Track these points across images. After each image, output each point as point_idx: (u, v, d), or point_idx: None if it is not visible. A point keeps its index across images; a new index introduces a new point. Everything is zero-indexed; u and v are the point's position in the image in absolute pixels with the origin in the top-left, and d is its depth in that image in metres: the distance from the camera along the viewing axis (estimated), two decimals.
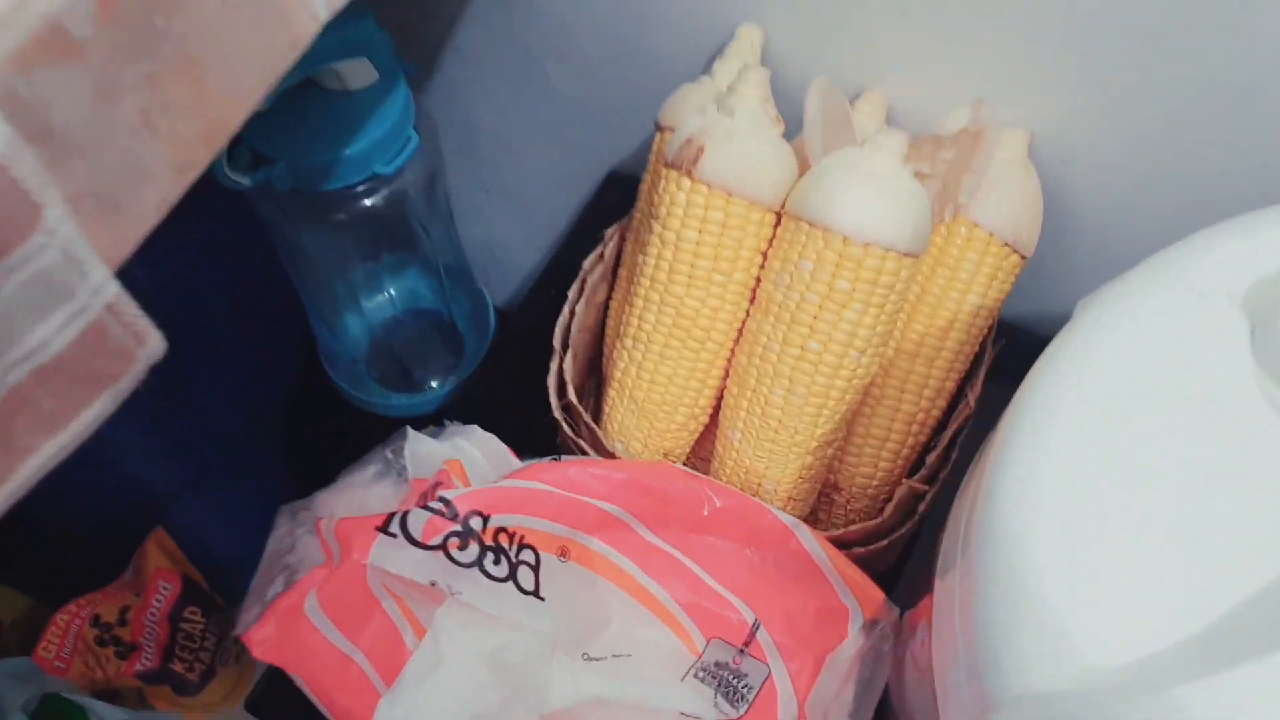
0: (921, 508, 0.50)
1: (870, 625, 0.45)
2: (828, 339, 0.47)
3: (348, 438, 0.88)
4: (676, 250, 0.49)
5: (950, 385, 0.52)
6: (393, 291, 0.75)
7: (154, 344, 0.30)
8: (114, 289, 0.26)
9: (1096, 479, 0.31)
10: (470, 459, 0.50)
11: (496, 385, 0.66)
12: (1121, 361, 0.33)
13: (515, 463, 0.50)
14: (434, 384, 0.78)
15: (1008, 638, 0.31)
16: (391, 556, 0.44)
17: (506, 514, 0.45)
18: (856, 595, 0.45)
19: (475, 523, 0.45)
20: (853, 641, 0.44)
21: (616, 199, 0.68)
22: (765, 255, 0.49)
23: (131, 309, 0.29)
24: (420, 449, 0.50)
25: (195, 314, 0.74)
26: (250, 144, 0.59)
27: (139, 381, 0.33)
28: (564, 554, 0.46)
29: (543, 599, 0.44)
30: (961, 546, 0.35)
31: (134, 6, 0.26)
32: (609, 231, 0.57)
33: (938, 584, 0.38)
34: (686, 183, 0.47)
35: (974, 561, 0.33)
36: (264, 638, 0.47)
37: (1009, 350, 0.54)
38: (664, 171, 0.48)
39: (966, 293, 0.51)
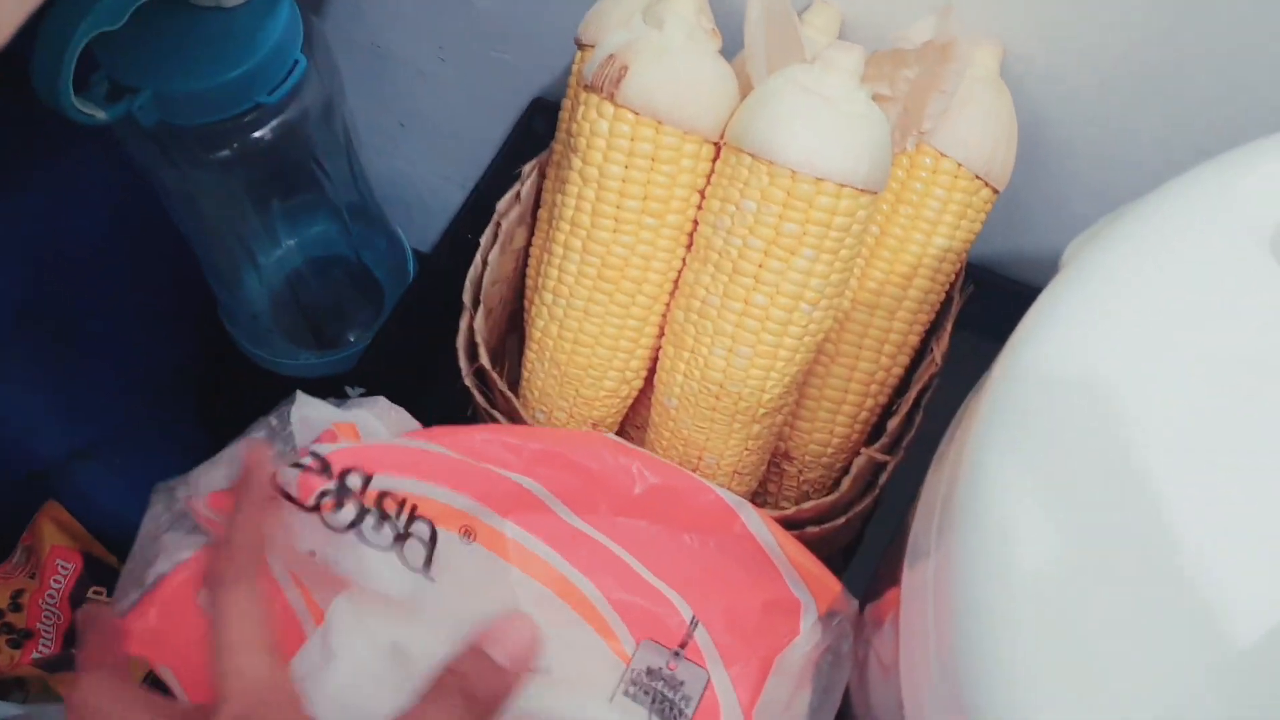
0: (883, 479, 0.44)
1: (826, 621, 0.39)
2: (774, 291, 0.40)
3: (257, 395, 0.82)
4: (600, 189, 0.42)
5: (913, 339, 0.47)
6: (293, 239, 0.67)
7: None
8: None
9: (1103, 454, 0.26)
10: (368, 428, 0.43)
11: (406, 342, 0.59)
12: (1127, 315, 0.27)
13: None
14: (351, 339, 0.71)
15: (995, 641, 0.25)
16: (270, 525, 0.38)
17: (394, 475, 0.38)
18: (809, 586, 0.39)
19: (353, 481, 0.38)
20: (806, 639, 0.38)
21: (544, 126, 0.61)
22: (702, 194, 0.42)
23: None
24: (309, 414, 0.43)
25: (73, 262, 0.66)
26: (108, 72, 0.51)
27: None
28: (468, 534, 0.39)
29: (432, 580, 0.38)
30: (937, 532, 0.29)
31: None
32: (526, 167, 0.50)
33: (906, 574, 0.32)
34: (609, 108, 0.40)
35: (953, 551, 0.27)
36: (145, 628, 0.41)
37: (977, 297, 0.49)
38: (584, 95, 0.41)
39: (932, 234, 0.45)
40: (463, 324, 0.47)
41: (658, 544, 0.40)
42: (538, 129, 0.61)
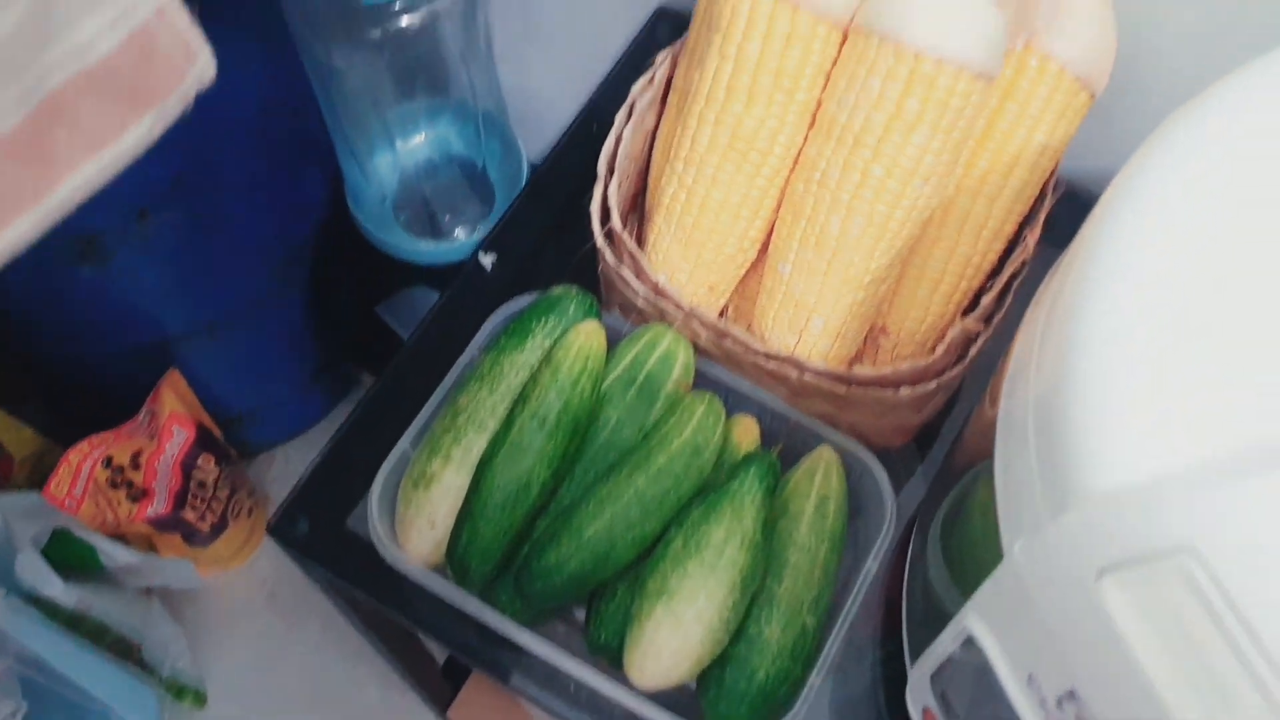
0: (973, 351, 0.48)
1: None
2: (892, 164, 0.45)
3: (372, 283, 0.87)
4: (737, 65, 0.46)
5: (1009, 228, 0.51)
6: (427, 133, 0.73)
7: (204, 62, 0.28)
8: None
9: (1189, 284, 0.30)
10: None
11: (534, 218, 0.64)
12: (1217, 175, 0.31)
13: None
14: (459, 233, 0.76)
15: (1092, 429, 0.29)
16: None
17: None
18: None
19: None
20: None
21: (667, 36, 0.65)
22: (828, 77, 0.47)
23: (183, 18, 0.27)
24: None
25: (221, 140, 0.72)
26: None
27: (185, 106, 0.30)
28: None
29: None
30: (1040, 341, 0.34)
31: None
32: (660, 55, 0.54)
33: (1006, 391, 0.36)
34: None
35: (1059, 355, 0.31)
36: None
37: (1063, 207, 0.52)
38: None
39: (1034, 130, 0.48)
40: (596, 191, 0.52)
41: None
42: (660, 38, 0.65)
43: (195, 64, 0.27)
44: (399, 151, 0.72)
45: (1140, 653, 0.26)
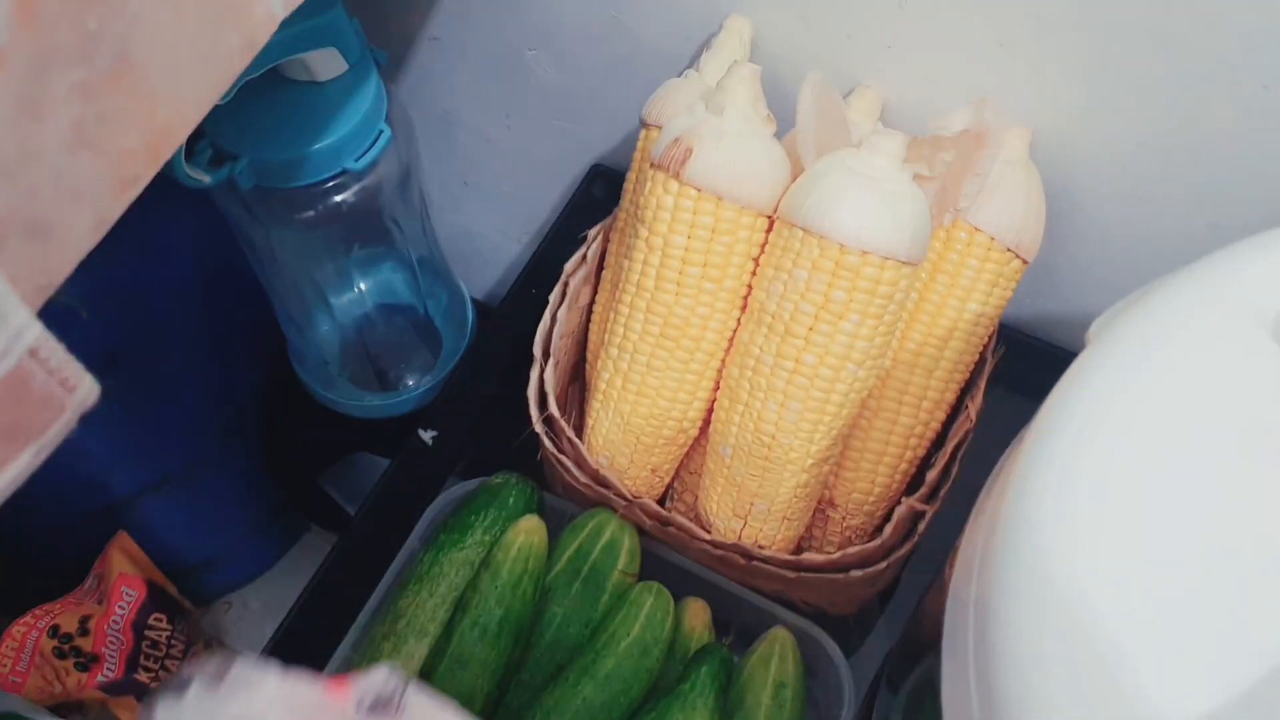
0: (921, 526, 0.48)
1: None
2: (824, 351, 0.44)
3: (322, 437, 0.86)
4: (664, 256, 0.46)
5: (950, 396, 0.50)
6: (364, 287, 0.72)
7: (85, 390, 0.27)
8: (37, 332, 0.23)
9: (1137, 509, 0.29)
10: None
11: (475, 387, 0.63)
12: (1149, 391, 0.31)
13: None
14: (409, 383, 0.75)
15: (1032, 673, 0.29)
16: None
17: None
18: None
19: None
20: None
21: (602, 192, 0.65)
22: (757, 262, 0.47)
23: (58, 353, 0.26)
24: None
25: (157, 310, 0.71)
26: (212, 139, 0.56)
27: (70, 428, 0.30)
28: None
29: None
30: (978, 576, 0.33)
31: (61, 7, 0.23)
32: (592, 231, 0.54)
33: (948, 619, 0.36)
34: (674, 185, 0.45)
35: (995, 589, 0.31)
36: None
37: (1009, 356, 0.52)
38: (650, 173, 0.46)
39: (966, 300, 0.48)
40: (533, 374, 0.51)
41: None
42: (596, 194, 0.65)
43: (76, 394, 0.26)
44: (336, 310, 0.72)
45: None
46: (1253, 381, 0.30)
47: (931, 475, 0.48)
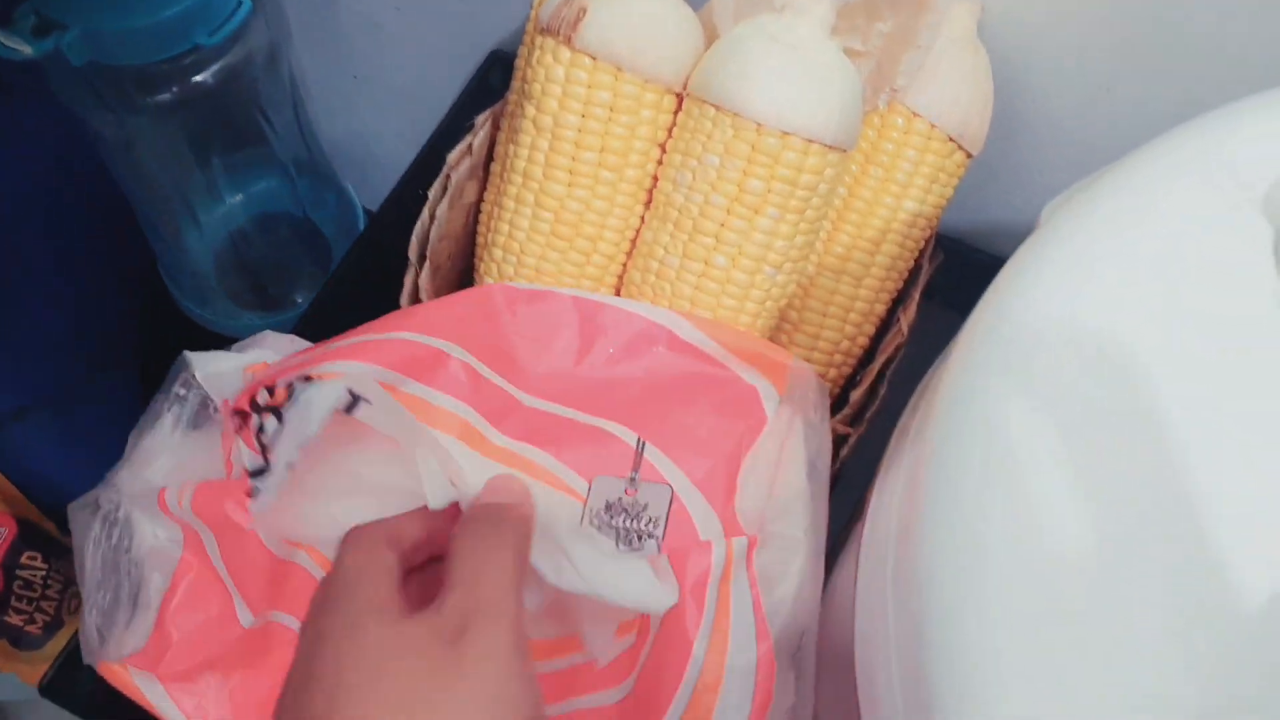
0: (844, 452, 0.42)
1: (789, 397, 0.37)
2: (737, 252, 0.38)
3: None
4: (554, 139, 0.39)
5: (880, 308, 0.45)
6: (237, 197, 0.64)
7: None
8: None
9: (1088, 414, 0.24)
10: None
11: (358, 299, 0.56)
12: (1112, 269, 0.25)
13: None
14: (298, 300, 0.68)
15: (962, 619, 0.23)
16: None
17: (331, 362, 0.37)
18: (762, 370, 0.38)
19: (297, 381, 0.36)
20: (777, 422, 0.37)
21: (501, 80, 0.58)
22: (663, 148, 0.40)
23: None
24: (215, 369, 0.41)
25: (10, 223, 0.63)
26: (35, 4, 0.48)
27: None
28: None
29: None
30: (901, 505, 0.27)
31: None
32: (479, 118, 0.47)
33: (863, 561, 0.30)
34: (565, 53, 0.38)
35: (922, 523, 0.25)
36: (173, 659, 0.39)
37: (947, 267, 0.47)
38: (538, 39, 0.39)
39: (902, 197, 0.43)
40: (407, 281, 0.45)
41: (584, 386, 0.38)
42: (494, 83, 0.58)
43: None
44: (207, 217, 0.64)
45: None
46: (1239, 267, 0.25)
47: (856, 395, 0.42)
